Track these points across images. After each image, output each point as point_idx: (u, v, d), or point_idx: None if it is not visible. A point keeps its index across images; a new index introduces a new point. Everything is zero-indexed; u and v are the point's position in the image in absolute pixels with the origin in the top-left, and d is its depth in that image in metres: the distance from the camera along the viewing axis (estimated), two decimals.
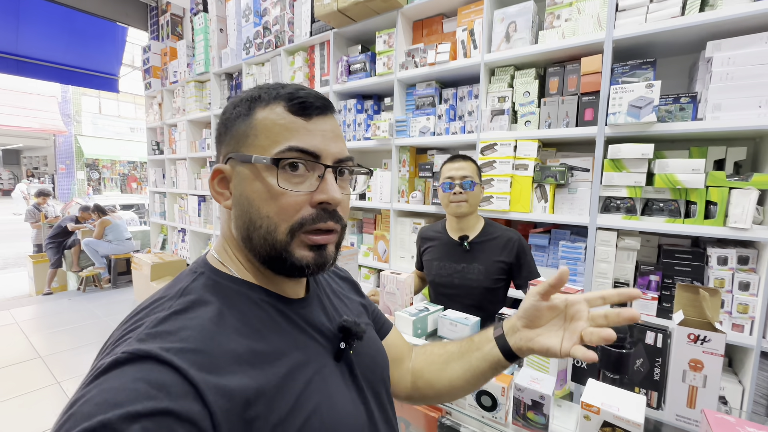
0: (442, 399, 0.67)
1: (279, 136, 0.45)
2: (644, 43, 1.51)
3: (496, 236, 1.43)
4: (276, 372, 0.42)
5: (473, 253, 1.43)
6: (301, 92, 0.47)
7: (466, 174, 1.40)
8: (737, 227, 1.27)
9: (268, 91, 0.48)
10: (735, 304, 1.32)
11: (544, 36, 1.67)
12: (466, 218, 1.44)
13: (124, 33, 4.76)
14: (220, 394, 0.36)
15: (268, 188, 0.45)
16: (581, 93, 1.60)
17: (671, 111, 1.43)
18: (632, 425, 0.59)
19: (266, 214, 0.45)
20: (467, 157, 1.46)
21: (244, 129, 0.47)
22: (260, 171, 0.46)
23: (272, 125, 0.46)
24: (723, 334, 0.69)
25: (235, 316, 0.44)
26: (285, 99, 0.47)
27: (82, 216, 4.88)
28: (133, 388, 0.33)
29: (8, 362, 2.87)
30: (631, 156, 1.43)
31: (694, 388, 0.72)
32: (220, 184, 0.50)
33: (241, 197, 0.47)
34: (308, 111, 0.47)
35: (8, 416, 2.24)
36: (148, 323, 0.40)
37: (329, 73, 2.47)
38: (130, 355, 0.35)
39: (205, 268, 0.49)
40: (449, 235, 1.49)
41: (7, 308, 4.04)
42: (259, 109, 0.47)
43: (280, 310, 0.49)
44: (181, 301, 0.43)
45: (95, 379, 0.34)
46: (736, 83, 1.29)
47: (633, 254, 1.52)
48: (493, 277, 1.40)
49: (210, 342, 0.39)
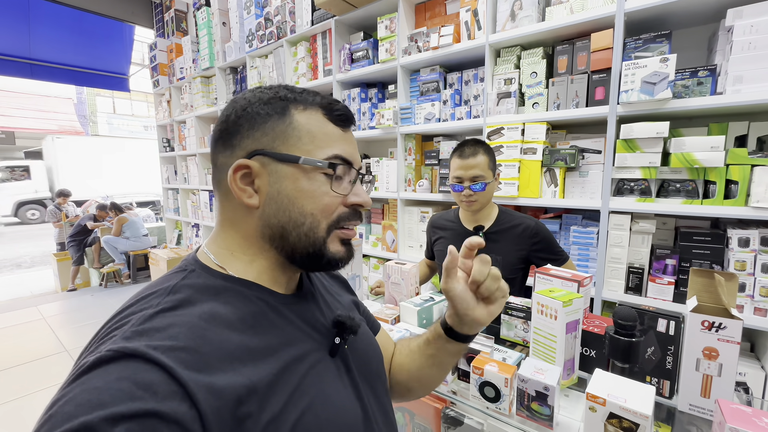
0: (420, 392, 0.70)
1: (323, 142, 0.48)
2: (659, 14, 1.42)
3: (513, 225, 1.37)
4: (269, 368, 0.42)
5: (490, 243, 1.36)
6: (338, 104, 0.51)
7: (476, 174, 1.28)
8: (760, 206, 1.20)
9: (302, 95, 0.50)
10: (758, 287, 1.26)
11: (551, 12, 1.59)
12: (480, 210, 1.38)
13: (132, 32, 4.81)
14: (210, 392, 0.35)
15: (314, 188, 0.48)
16: (591, 71, 1.53)
17: (688, 86, 1.35)
18: (640, 417, 0.56)
19: (310, 211, 0.48)
20: (478, 147, 1.31)
21: (284, 128, 0.47)
22: (307, 172, 0.48)
23: (316, 131, 0.48)
24: (740, 321, 0.65)
25: (226, 313, 0.43)
26: (324, 108, 0.50)
27: (100, 214, 5.02)
28: (118, 388, 0.32)
29: (37, 356, 3.01)
30: (645, 135, 1.36)
31: (709, 377, 0.69)
32: (243, 180, 0.47)
33: (279, 195, 0.47)
34: (346, 123, 0.52)
35: (38, 407, 2.35)
36: (135, 320, 0.38)
37: (332, 62, 2.43)
38: (115, 353, 0.34)
39: (195, 266, 0.48)
40: (463, 224, 1.44)
41: (35, 305, 4.22)
42: (296, 111, 0.48)
43: (273, 306, 0.48)
44: (170, 299, 0.41)
45: (77, 378, 0.33)
46: (760, 53, 1.20)
47: (648, 238, 1.46)
48: (511, 267, 1.34)
49: (200, 339, 0.38)
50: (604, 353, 0.84)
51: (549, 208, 1.87)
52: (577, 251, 1.63)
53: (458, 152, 1.34)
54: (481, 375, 0.76)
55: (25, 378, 2.68)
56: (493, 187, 1.35)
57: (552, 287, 0.91)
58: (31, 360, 2.94)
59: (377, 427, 0.52)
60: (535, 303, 0.84)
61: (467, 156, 1.30)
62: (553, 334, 0.80)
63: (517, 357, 0.85)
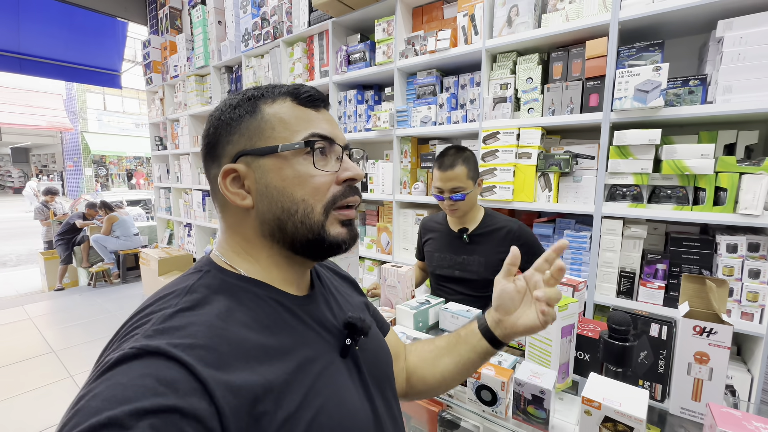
0: (435, 392, 0.71)
1: (297, 125, 0.48)
2: (652, 24, 1.45)
3: (496, 228, 1.42)
4: (284, 368, 0.42)
5: (473, 245, 1.43)
6: (304, 87, 0.50)
7: (455, 186, 1.34)
8: (748, 214, 1.23)
9: (268, 90, 0.50)
10: (744, 292, 1.29)
11: (547, 19, 1.62)
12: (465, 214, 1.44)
13: (125, 28, 4.74)
14: (228, 390, 0.36)
15: (299, 173, 0.47)
16: (586, 78, 1.55)
17: (680, 94, 1.38)
18: (634, 420, 0.57)
19: (301, 197, 0.47)
20: (457, 157, 1.35)
21: (257, 124, 0.48)
22: (288, 158, 0.47)
23: (288, 117, 0.48)
24: (730, 326, 0.67)
25: (242, 312, 0.44)
26: (291, 94, 0.50)
27: (89, 213, 4.94)
28: (141, 384, 0.33)
29: (23, 357, 2.94)
30: (638, 142, 1.39)
31: (700, 381, 0.70)
32: (233, 184, 0.48)
33: (268, 189, 0.47)
34: (316, 103, 0.51)
35: (24, 409, 2.30)
36: (155, 319, 0.39)
37: (329, 63, 2.43)
38: (137, 351, 0.35)
39: (210, 267, 0.49)
40: (450, 226, 1.49)
41: (20, 304, 4.13)
42: (265, 105, 0.49)
43: (287, 307, 0.49)
44: (188, 299, 0.42)
45: (102, 375, 0.34)
46: (749, 64, 1.23)
47: (639, 243, 1.49)
48: (493, 269, 1.38)
49: (218, 338, 0.39)
50: (598, 357, 0.85)
51: (543, 213, 1.89)
52: (570, 255, 1.65)
53: (438, 163, 1.38)
54: (478, 378, 0.77)
55: (11, 379, 2.62)
56: (475, 194, 1.40)
57: None
58: (16, 361, 2.88)
59: (387, 429, 0.52)
60: None
61: (446, 168, 1.34)
62: (549, 338, 0.81)
63: (512, 360, 0.86)
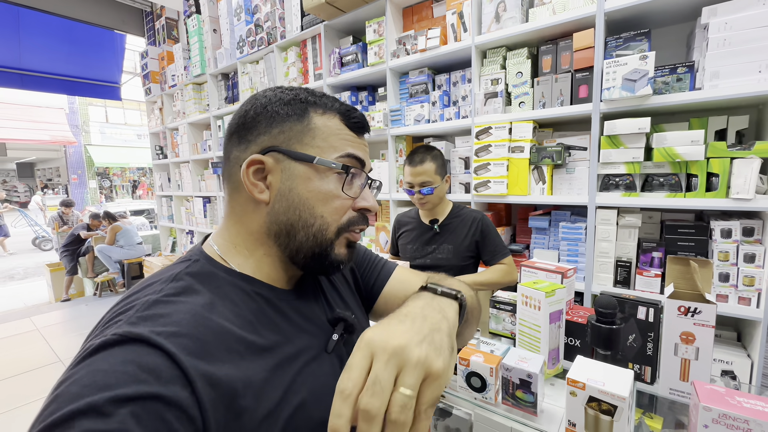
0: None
1: (338, 145, 0.50)
2: (637, 14, 1.46)
3: (462, 217, 1.55)
4: (264, 365, 0.42)
5: (443, 234, 1.55)
6: (356, 112, 0.53)
7: (424, 180, 1.46)
8: (740, 198, 1.23)
9: (323, 99, 0.51)
10: (741, 276, 1.29)
11: (534, 13, 1.63)
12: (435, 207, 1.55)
13: (123, 40, 4.81)
14: (207, 382, 0.36)
15: (326, 189, 0.49)
16: (575, 70, 1.56)
17: (668, 82, 1.38)
18: (617, 399, 0.58)
19: (320, 213, 0.48)
20: (426, 155, 1.47)
21: (301, 128, 0.49)
22: (320, 172, 0.49)
23: (332, 134, 0.50)
24: (714, 305, 0.68)
25: (226, 306, 0.43)
26: (342, 114, 0.51)
27: (93, 223, 5.00)
28: (123, 371, 0.32)
29: (31, 367, 2.98)
30: (628, 131, 1.39)
31: (687, 361, 0.71)
32: (255, 175, 0.48)
33: (291, 193, 0.48)
34: (361, 130, 0.54)
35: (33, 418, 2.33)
36: (139, 306, 0.39)
37: (322, 66, 2.46)
38: (120, 337, 0.35)
39: (200, 256, 0.48)
40: (421, 219, 1.62)
41: (28, 315, 4.18)
42: (315, 114, 0.50)
43: (272, 302, 0.48)
44: (172, 286, 0.42)
45: (84, 360, 0.34)
46: (735, 49, 1.24)
47: (635, 231, 1.49)
48: (462, 255, 1.51)
49: (201, 327, 0.39)
50: (588, 342, 0.86)
51: (538, 205, 1.89)
52: (566, 246, 1.65)
53: (409, 160, 1.51)
54: (468, 366, 0.77)
55: (20, 389, 2.65)
56: (443, 188, 1.53)
57: (536, 279, 0.93)
58: (25, 371, 2.91)
59: None
60: (519, 294, 0.86)
61: (416, 164, 1.47)
62: (537, 324, 0.82)
63: (505, 348, 0.87)
